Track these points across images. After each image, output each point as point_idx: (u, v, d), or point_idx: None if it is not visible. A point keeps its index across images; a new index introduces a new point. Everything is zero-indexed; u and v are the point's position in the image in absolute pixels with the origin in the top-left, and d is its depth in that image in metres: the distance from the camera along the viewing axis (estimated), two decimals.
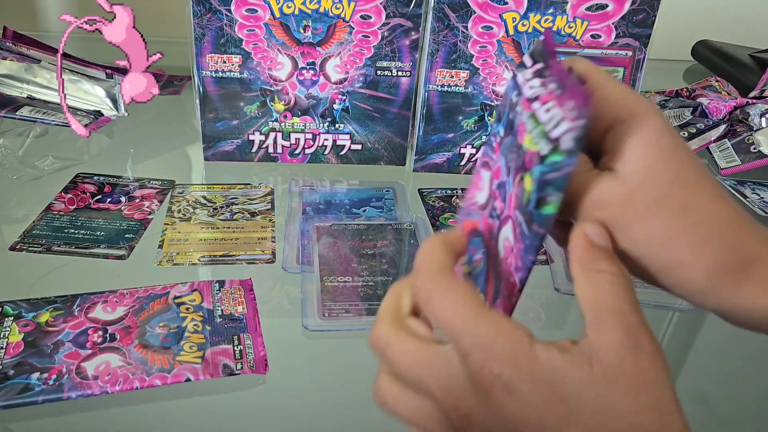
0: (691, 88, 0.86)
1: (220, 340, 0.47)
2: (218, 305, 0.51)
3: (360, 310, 0.51)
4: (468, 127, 0.71)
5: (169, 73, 0.91)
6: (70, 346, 0.46)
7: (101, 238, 0.59)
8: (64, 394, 0.42)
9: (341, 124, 0.71)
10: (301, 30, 0.66)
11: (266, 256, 0.58)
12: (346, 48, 0.67)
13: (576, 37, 0.66)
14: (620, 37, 0.66)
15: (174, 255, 0.57)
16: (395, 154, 0.74)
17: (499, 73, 0.68)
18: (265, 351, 0.47)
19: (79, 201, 0.64)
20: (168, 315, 0.49)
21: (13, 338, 0.46)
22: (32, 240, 0.58)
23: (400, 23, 0.66)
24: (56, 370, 0.44)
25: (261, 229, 0.62)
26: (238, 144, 0.72)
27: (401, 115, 0.71)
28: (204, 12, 0.64)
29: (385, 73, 0.69)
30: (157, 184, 0.68)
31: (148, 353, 0.46)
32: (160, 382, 0.44)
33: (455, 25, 0.65)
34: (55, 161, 0.69)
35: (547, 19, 0.65)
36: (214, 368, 0.45)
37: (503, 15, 0.65)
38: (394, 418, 0.29)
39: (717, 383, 0.49)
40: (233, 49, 0.66)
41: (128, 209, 0.63)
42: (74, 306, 0.50)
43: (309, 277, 0.54)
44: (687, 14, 1.14)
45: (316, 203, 0.66)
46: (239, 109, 0.70)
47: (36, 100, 0.72)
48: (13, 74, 0.72)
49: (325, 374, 0.48)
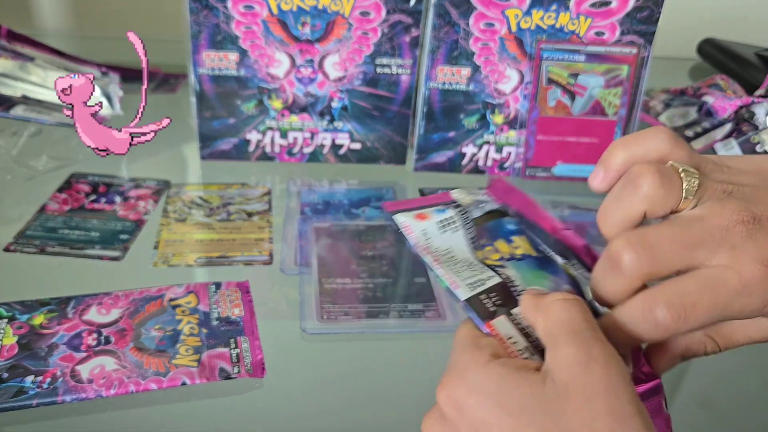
0: (696, 87, 0.85)
1: (216, 343, 0.47)
2: (215, 307, 0.50)
3: (359, 312, 0.51)
4: (469, 125, 0.70)
5: (165, 71, 0.90)
6: (65, 349, 0.45)
7: (96, 238, 0.58)
8: (58, 397, 0.42)
9: (340, 123, 0.70)
10: (299, 27, 0.65)
11: (264, 257, 0.57)
12: (345, 45, 0.66)
13: (579, 35, 0.65)
14: (624, 34, 0.65)
15: (170, 256, 0.57)
16: (395, 153, 0.73)
17: (501, 71, 0.67)
18: (262, 354, 0.46)
19: (74, 201, 0.63)
20: (163, 317, 0.49)
21: (7, 341, 0.46)
22: (26, 241, 0.57)
23: (400, 20, 0.65)
24: (50, 373, 0.43)
25: (258, 229, 0.61)
26: (235, 143, 0.71)
27: (401, 114, 0.70)
28: (200, 9, 0.63)
29: (384, 71, 0.68)
30: (153, 184, 0.67)
31: (143, 356, 0.45)
32: (156, 386, 0.43)
33: (456, 21, 0.64)
34: (49, 161, 0.69)
35: (550, 15, 0.64)
36: (210, 372, 0.44)
37: (505, 11, 0.64)
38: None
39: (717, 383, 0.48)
40: (230, 46, 0.65)
41: (123, 210, 0.63)
42: (68, 308, 0.49)
43: (307, 278, 0.54)
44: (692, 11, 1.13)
45: (315, 203, 0.66)
46: (236, 108, 0.69)
47: (30, 98, 0.71)
48: (7, 72, 0.71)
49: (323, 378, 0.47)
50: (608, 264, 0.30)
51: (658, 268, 0.28)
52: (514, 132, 0.70)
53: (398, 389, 0.47)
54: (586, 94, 0.66)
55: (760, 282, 0.28)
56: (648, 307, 0.28)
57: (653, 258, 0.28)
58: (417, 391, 0.46)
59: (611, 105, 0.67)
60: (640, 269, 0.28)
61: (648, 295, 0.29)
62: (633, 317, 0.29)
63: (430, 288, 0.53)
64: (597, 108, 0.67)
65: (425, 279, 0.54)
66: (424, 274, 0.55)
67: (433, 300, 0.52)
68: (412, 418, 0.44)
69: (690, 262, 0.28)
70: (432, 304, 0.52)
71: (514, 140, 0.71)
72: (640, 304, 0.29)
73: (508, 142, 0.71)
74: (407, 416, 0.44)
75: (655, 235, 0.29)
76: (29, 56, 0.72)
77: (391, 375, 0.48)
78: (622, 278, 0.29)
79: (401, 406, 0.45)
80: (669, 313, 0.28)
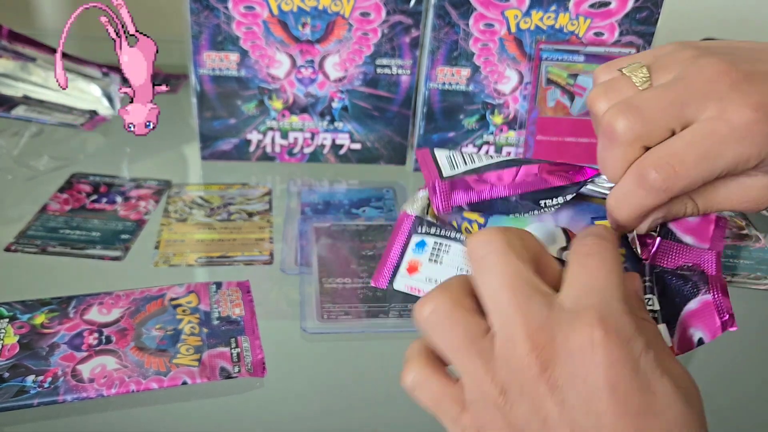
0: None
1: (217, 343, 0.47)
2: (215, 307, 0.50)
3: (359, 312, 0.51)
4: (469, 125, 0.70)
5: (166, 72, 0.90)
6: (66, 349, 0.45)
7: (97, 238, 0.58)
8: (59, 397, 0.42)
9: (340, 123, 0.71)
10: (300, 27, 0.65)
11: (264, 257, 0.57)
12: (346, 46, 0.66)
13: (579, 35, 0.65)
14: (623, 35, 0.66)
15: (170, 256, 0.57)
16: (395, 154, 0.73)
17: (500, 71, 0.67)
18: (263, 354, 0.46)
19: (75, 201, 0.63)
20: (164, 317, 0.49)
21: (8, 340, 0.46)
22: (27, 241, 0.57)
23: (400, 20, 0.65)
24: (52, 372, 0.43)
25: (259, 229, 0.61)
26: (236, 143, 0.71)
27: (401, 114, 0.71)
28: (201, 9, 0.63)
29: (385, 71, 0.68)
30: (154, 184, 0.67)
31: (144, 356, 0.45)
32: (157, 385, 0.43)
33: (456, 22, 0.64)
34: (50, 161, 0.69)
35: (549, 16, 0.64)
36: (211, 371, 0.44)
37: (505, 12, 0.64)
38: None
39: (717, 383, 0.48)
40: (230, 46, 0.65)
41: (124, 209, 0.63)
42: (70, 308, 0.49)
43: (307, 278, 0.54)
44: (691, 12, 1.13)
45: (315, 203, 0.66)
46: (237, 108, 0.69)
47: (31, 99, 0.71)
48: (8, 73, 0.71)
49: (323, 377, 0.47)
50: (605, 139, 0.30)
51: (649, 128, 0.29)
52: (514, 132, 0.71)
53: (398, 389, 0.46)
54: (586, 94, 0.67)
55: (752, 126, 0.28)
56: (639, 173, 0.29)
57: (643, 118, 0.29)
58: None
59: None
60: (632, 131, 0.29)
61: (638, 162, 0.29)
62: (629, 188, 0.29)
63: None
64: None
65: None
66: None
67: None
68: (412, 417, 0.44)
69: (680, 119, 0.29)
70: None
71: (514, 140, 0.71)
72: (633, 172, 0.29)
73: (507, 142, 0.71)
74: (407, 415, 0.44)
75: (641, 98, 0.29)
76: (30, 57, 0.72)
77: (392, 374, 0.48)
78: (619, 147, 0.30)
79: (401, 406, 0.45)
80: (658, 172, 0.28)
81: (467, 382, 0.28)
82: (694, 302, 0.30)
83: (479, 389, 0.27)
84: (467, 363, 0.27)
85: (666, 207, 0.31)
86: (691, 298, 0.31)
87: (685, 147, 0.28)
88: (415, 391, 0.30)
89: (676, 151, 0.28)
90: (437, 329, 0.28)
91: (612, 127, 0.29)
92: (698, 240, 0.33)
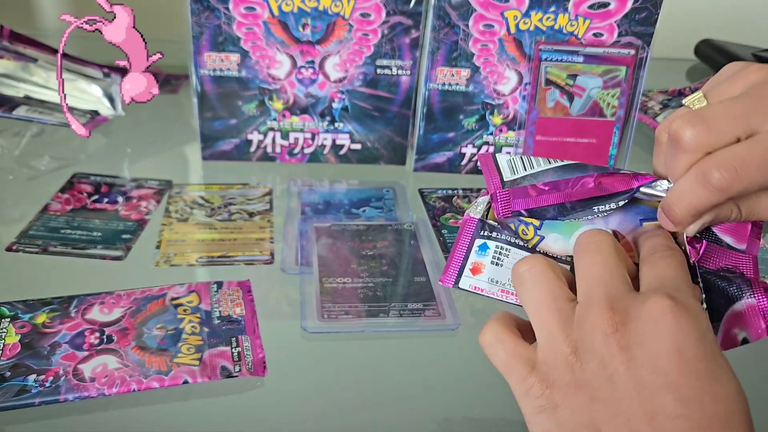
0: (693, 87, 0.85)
1: (218, 342, 0.47)
2: (216, 307, 0.50)
3: (360, 311, 0.51)
4: (469, 126, 0.70)
5: (167, 72, 0.90)
6: (67, 348, 0.45)
7: (98, 238, 0.58)
8: (60, 396, 0.42)
9: (341, 123, 0.71)
10: (300, 28, 0.65)
11: (265, 257, 0.57)
12: (346, 46, 0.66)
13: (578, 36, 0.65)
14: (622, 35, 0.66)
15: (171, 256, 0.57)
16: (395, 154, 0.73)
17: (500, 72, 0.67)
18: (263, 353, 0.46)
19: (76, 201, 0.63)
20: (165, 316, 0.49)
21: (9, 340, 0.46)
22: (29, 241, 0.57)
23: (400, 21, 0.65)
24: (53, 372, 0.44)
25: (259, 229, 0.61)
26: (236, 143, 0.71)
27: (401, 114, 0.71)
28: (202, 10, 0.63)
29: (385, 72, 0.68)
30: (155, 184, 0.67)
31: (145, 355, 0.45)
32: (158, 385, 0.43)
33: (456, 23, 0.65)
34: (51, 161, 0.69)
35: (548, 17, 0.64)
36: (212, 370, 0.45)
37: (504, 13, 0.64)
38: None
39: None
40: (231, 47, 0.66)
41: (125, 209, 0.63)
42: (71, 307, 0.49)
43: (308, 278, 0.54)
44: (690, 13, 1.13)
45: (315, 203, 0.66)
46: (237, 108, 0.69)
47: (33, 99, 0.71)
48: (9, 73, 0.71)
49: (324, 377, 0.47)
50: (672, 145, 0.32)
51: (714, 138, 0.31)
52: (513, 133, 0.71)
53: (398, 388, 0.47)
54: (585, 95, 0.67)
55: None
56: (702, 172, 0.31)
57: (709, 129, 0.30)
58: (417, 389, 0.46)
59: (609, 106, 0.67)
60: (698, 140, 0.31)
61: (701, 162, 0.31)
62: (690, 186, 0.31)
63: (429, 287, 0.54)
64: (595, 109, 0.67)
65: (425, 278, 0.55)
66: (424, 273, 0.55)
67: (432, 299, 0.52)
68: (412, 416, 0.44)
69: (746, 129, 0.30)
70: (432, 303, 0.52)
71: (513, 141, 0.71)
72: (695, 170, 0.31)
73: (507, 142, 0.71)
74: (407, 415, 0.44)
75: (708, 109, 0.31)
76: (32, 57, 0.72)
77: (392, 374, 0.48)
78: (684, 154, 0.31)
79: (401, 405, 0.45)
80: (721, 173, 0.30)
81: (541, 340, 0.31)
82: (739, 304, 0.33)
83: (552, 347, 0.30)
84: (546, 319, 0.31)
85: (716, 209, 0.33)
86: (735, 300, 0.33)
87: (748, 151, 0.30)
88: (491, 348, 0.32)
89: (740, 154, 0.30)
90: (527, 284, 0.32)
91: (679, 136, 0.31)
92: (736, 240, 0.35)
